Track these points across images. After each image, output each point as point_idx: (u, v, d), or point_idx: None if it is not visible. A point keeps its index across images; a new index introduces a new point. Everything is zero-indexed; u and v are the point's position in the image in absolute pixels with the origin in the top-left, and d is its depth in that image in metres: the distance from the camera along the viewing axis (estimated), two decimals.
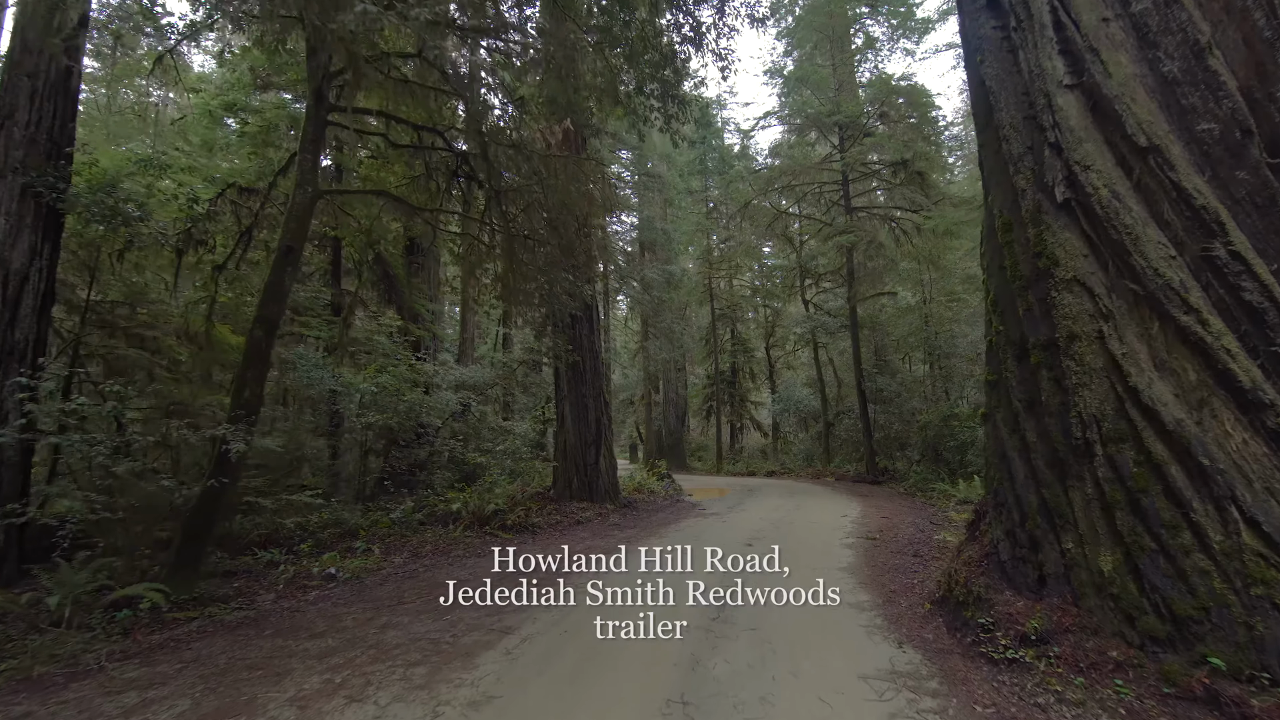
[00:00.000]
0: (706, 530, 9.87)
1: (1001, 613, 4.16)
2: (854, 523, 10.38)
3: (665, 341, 23.64)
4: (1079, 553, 3.93)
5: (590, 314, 12.99)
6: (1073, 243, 4.15)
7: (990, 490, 4.89)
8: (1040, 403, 4.28)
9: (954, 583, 4.82)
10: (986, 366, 5.00)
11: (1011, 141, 4.59)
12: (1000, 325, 4.73)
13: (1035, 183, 4.42)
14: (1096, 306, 4.00)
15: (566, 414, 12.73)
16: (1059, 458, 4.11)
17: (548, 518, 11.50)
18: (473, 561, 8.38)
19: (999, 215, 4.75)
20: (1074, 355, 4.04)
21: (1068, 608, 3.89)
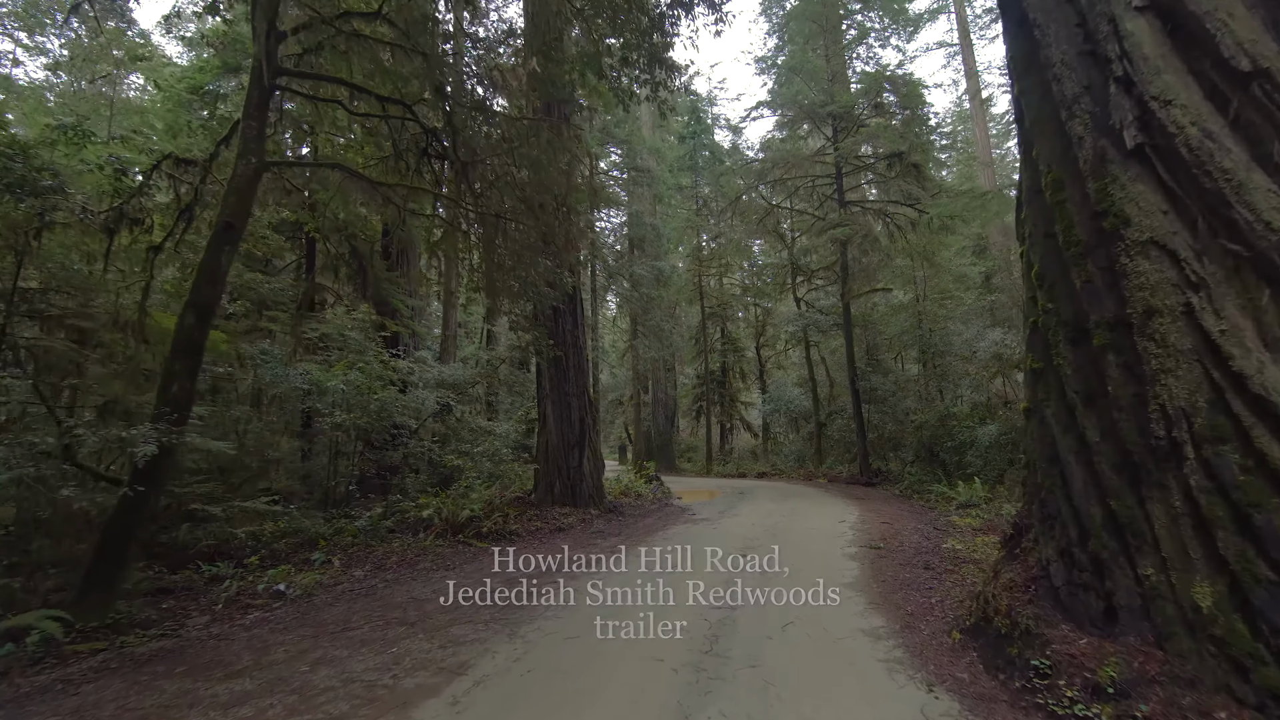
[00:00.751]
0: (695, 539, 9.00)
1: (1061, 653, 3.31)
2: (854, 529, 9.54)
3: (654, 340, 22.77)
4: (1162, 581, 3.09)
5: (574, 307, 12.10)
6: (1148, 196, 3.32)
7: (1033, 500, 4.05)
8: (1105, 394, 3.44)
9: (992, 610, 3.97)
10: (1028, 353, 4.15)
11: (1064, 81, 3.75)
12: (1048, 303, 3.88)
13: (1096, 127, 3.59)
14: (1182, 274, 3.16)
15: (548, 413, 11.82)
16: (1132, 461, 3.27)
17: (527, 524, 10.59)
18: (439, 576, 7.46)
19: (1047, 172, 3.91)
20: (1153, 335, 3.20)
21: (1150, 651, 3.04)
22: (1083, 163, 3.62)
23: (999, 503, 11.93)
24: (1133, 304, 3.29)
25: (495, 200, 7.27)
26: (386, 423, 11.75)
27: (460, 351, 22.28)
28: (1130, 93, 3.40)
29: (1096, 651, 3.18)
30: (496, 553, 8.88)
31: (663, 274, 21.57)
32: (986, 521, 10.35)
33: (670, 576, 6.62)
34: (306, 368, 11.19)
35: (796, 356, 28.55)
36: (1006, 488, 12.55)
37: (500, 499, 11.12)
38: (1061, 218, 3.76)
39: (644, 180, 22.12)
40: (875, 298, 21.84)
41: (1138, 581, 3.19)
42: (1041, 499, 3.88)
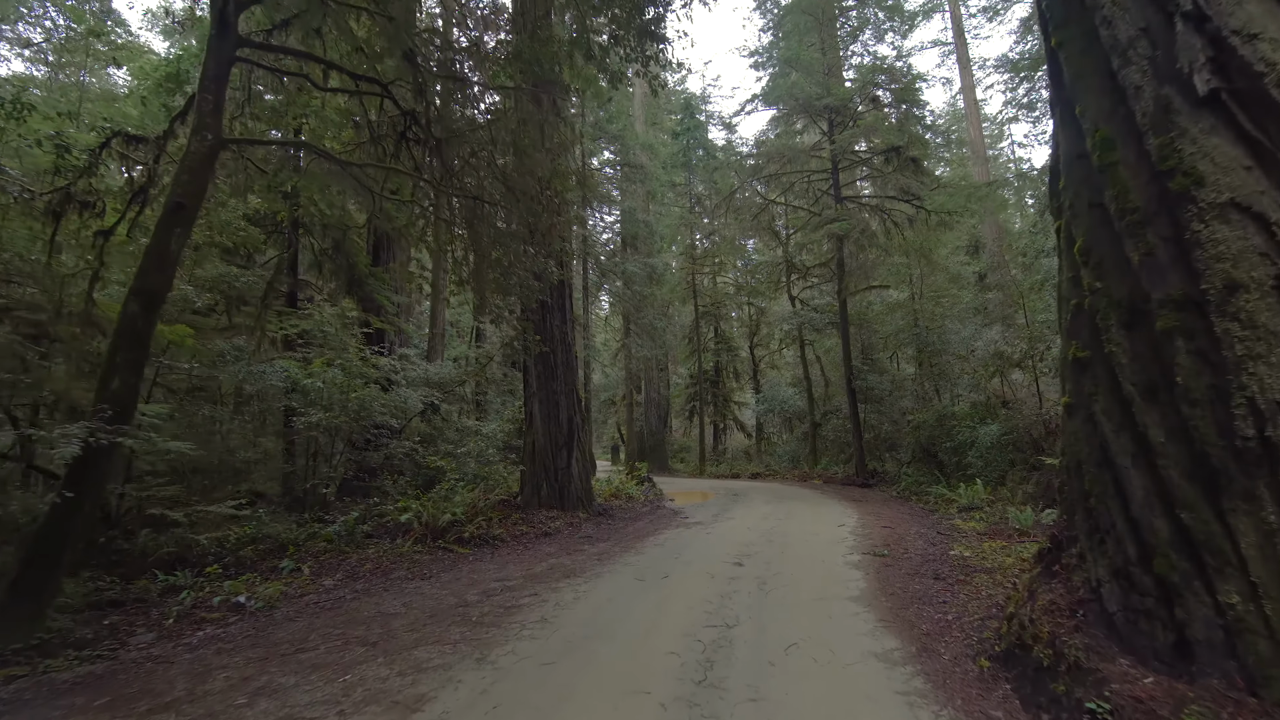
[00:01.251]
0: (689, 545, 8.41)
1: (1122, 694, 2.74)
2: (854, 534, 8.98)
3: (647, 339, 22.19)
4: (1251, 611, 2.52)
5: (562, 302, 11.50)
6: (1225, 150, 2.76)
7: (1075, 510, 3.48)
8: (1171, 386, 2.87)
9: (1029, 636, 3.40)
10: (1069, 341, 3.59)
11: (1116, 24, 3.19)
12: (1096, 281, 3.32)
13: (1157, 74, 3.03)
14: (1272, 240, 2.61)
15: (535, 413, 11.21)
16: (1208, 466, 2.71)
17: (512, 528, 9.98)
18: (413, 587, 6.84)
19: (1094, 132, 3.35)
20: (1236, 314, 2.64)
21: (1241, 698, 2.47)
22: (1141, 116, 3.06)
23: (1001, 505, 11.41)
24: (1209, 278, 2.73)
25: (475, 184, 6.67)
26: (367, 422, 11.13)
27: (449, 350, 21.66)
28: (1202, 30, 2.84)
29: (1169, 694, 2.61)
30: (477, 560, 8.28)
31: (655, 271, 21.00)
32: (991, 525, 9.83)
33: (660, 588, 6.03)
34: (284, 365, 10.58)
35: (791, 356, 28.03)
36: (1008, 489, 12.03)
37: (485, 502, 10.50)
38: (1114, 182, 3.20)
39: (637, 177, 21.54)
40: (870, 296, 21.34)
41: (1218, 611, 2.63)
42: (1088, 509, 3.31)
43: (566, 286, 11.64)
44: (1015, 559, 7.21)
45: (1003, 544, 8.45)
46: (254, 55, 7.01)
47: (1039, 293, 14.53)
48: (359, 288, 14.26)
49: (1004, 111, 41.37)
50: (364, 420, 10.98)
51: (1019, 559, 7.21)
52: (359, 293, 14.25)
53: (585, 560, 7.66)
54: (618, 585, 6.23)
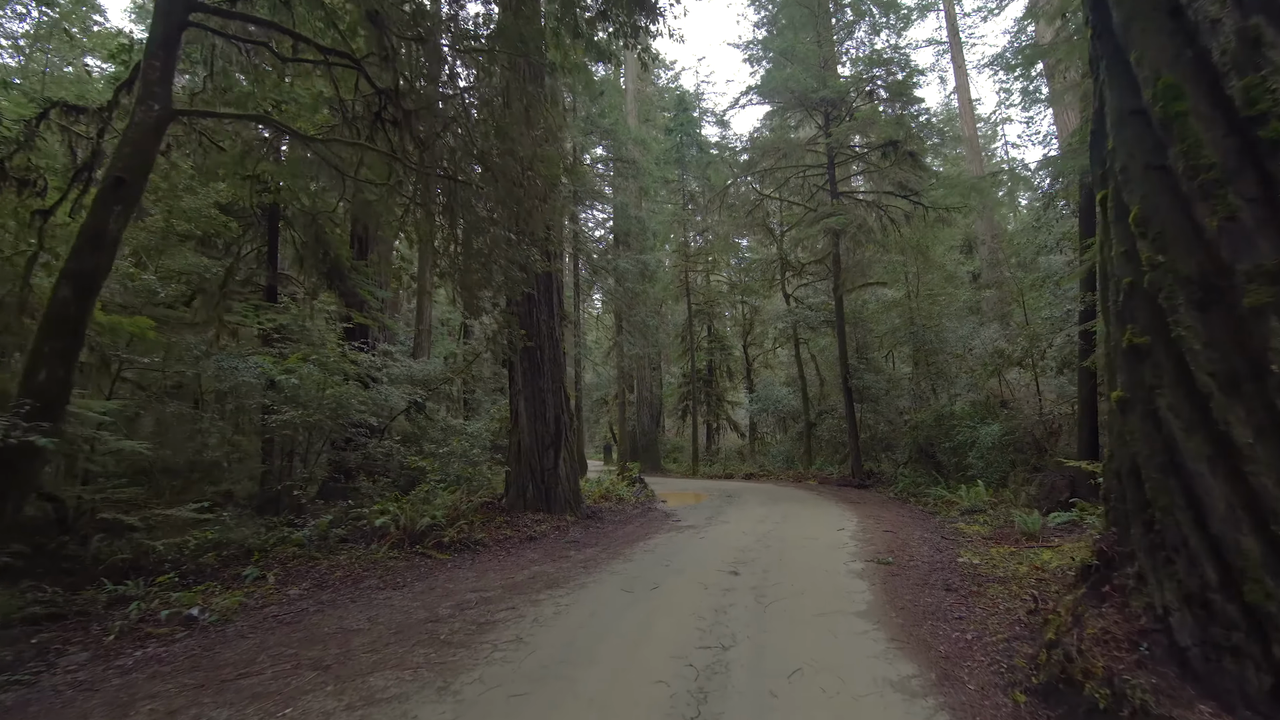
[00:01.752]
0: (680, 551, 7.87)
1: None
2: (855, 539, 8.47)
3: (639, 337, 21.65)
4: None
5: (550, 295, 10.95)
6: None
7: (1132, 523, 2.95)
8: (1263, 374, 2.36)
9: (1078, 670, 2.87)
10: (1119, 326, 3.07)
11: None
12: (1156, 256, 2.80)
13: (1238, 4, 2.52)
14: None
15: (521, 411, 10.65)
16: None
17: (495, 532, 9.42)
18: (382, 598, 6.27)
19: (1155, 82, 2.82)
20: None
21: None
22: (1218, 55, 2.54)
23: (1004, 507, 10.94)
24: None
25: (452, 165, 6.11)
26: (345, 421, 10.54)
27: (438, 348, 21.05)
28: None
29: None
30: (455, 567, 7.72)
31: (648, 268, 20.47)
32: (996, 530, 9.35)
33: (648, 601, 5.49)
34: (258, 360, 9.99)
35: (784, 355, 27.56)
36: (1011, 491, 11.56)
37: (467, 504, 9.93)
38: (1181, 137, 2.68)
39: (629, 172, 21.01)
40: (865, 295, 20.89)
41: None
42: (1148, 522, 2.79)
43: (554, 280, 11.08)
44: (1029, 567, 6.72)
45: (1010, 549, 7.96)
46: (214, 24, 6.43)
47: (1039, 290, 14.10)
48: (340, 282, 13.65)
49: (998, 112, 41.14)
50: (341, 418, 10.40)
51: (1032, 567, 6.72)
52: (341, 287, 13.65)
53: (570, 568, 7.11)
54: (603, 597, 5.68)
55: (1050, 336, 12.74)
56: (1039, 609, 5.10)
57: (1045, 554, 7.57)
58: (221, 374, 10.02)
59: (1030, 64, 24.61)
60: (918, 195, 16.07)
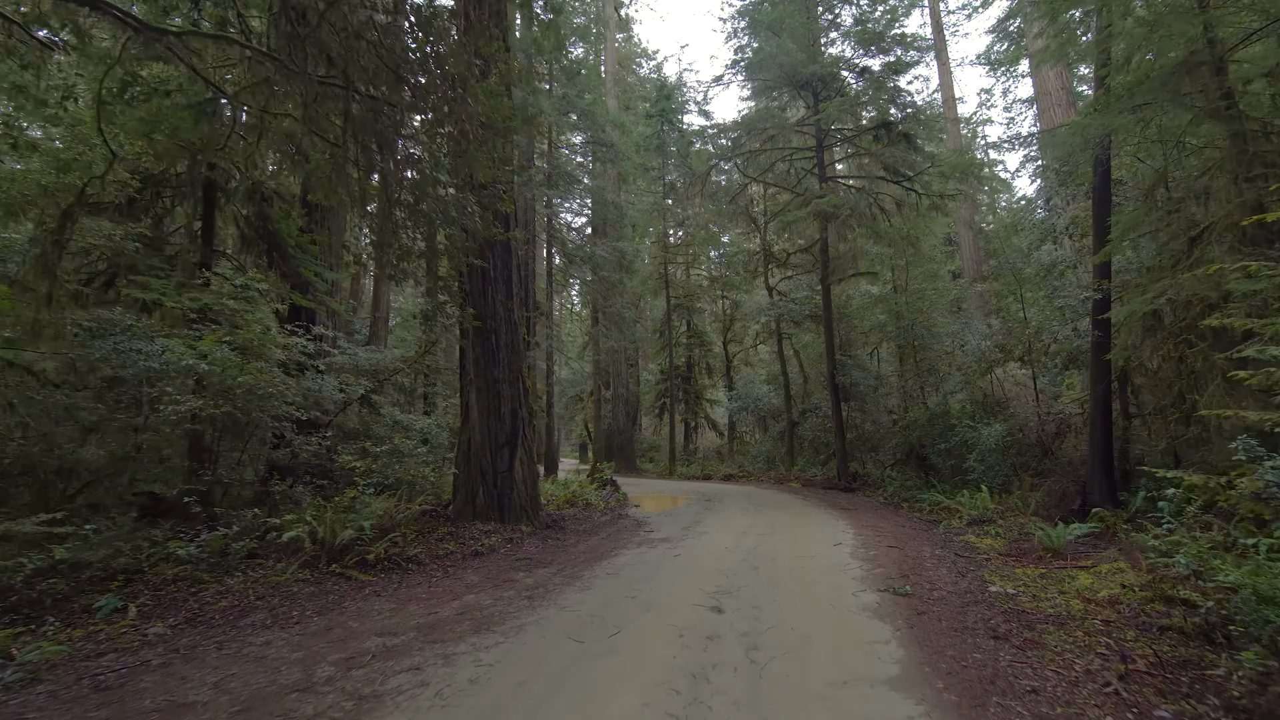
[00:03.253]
0: (651, 574, 6.33)
1: None
2: (857, 556, 7.02)
3: (615, 330, 20.09)
4: None
5: (508, 272, 9.34)
6: None
7: None
8: None
9: None
10: None
11: None
12: None
13: None
14: None
15: (472, 404, 9.04)
16: None
17: (435, 546, 7.82)
18: (259, 643, 4.65)
19: None
20: None
21: None
22: None
23: (1013, 516, 9.63)
24: None
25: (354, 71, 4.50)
26: (270, 413, 8.84)
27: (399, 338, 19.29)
28: None
29: None
30: (375, 593, 6.12)
31: (625, 257, 18.93)
32: (1012, 544, 8.00)
33: (603, 659, 3.95)
34: (166, 343, 8.24)
35: (766, 352, 26.21)
36: (1017, 498, 10.25)
37: (404, 512, 8.29)
38: None
39: (607, 156, 19.44)
40: (849, 290, 19.60)
41: None
42: None
43: (513, 253, 9.49)
44: (1076, 598, 5.32)
45: (1039, 570, 6.60)
46: None
47: (1038, 282, 12.86)
48: (283, 260, 11.87)
49: (978, 113, 40.40)
50: (263, 410, 8.69)
51: (1080, 598, 5.34)
52: (283, 266, 11.87)
53: (511, 599, 5.54)
54: (542, 652, 4.13)
55: (1055, 330, 11.47)
56: (1129, 671, 3.69)
57: (1082, 577, 6.21)
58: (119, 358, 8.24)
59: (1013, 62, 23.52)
60: (910, 181, 14.77)
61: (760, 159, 16.66)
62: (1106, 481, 9.73)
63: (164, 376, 8.41)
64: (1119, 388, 10.38)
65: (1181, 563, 5.41)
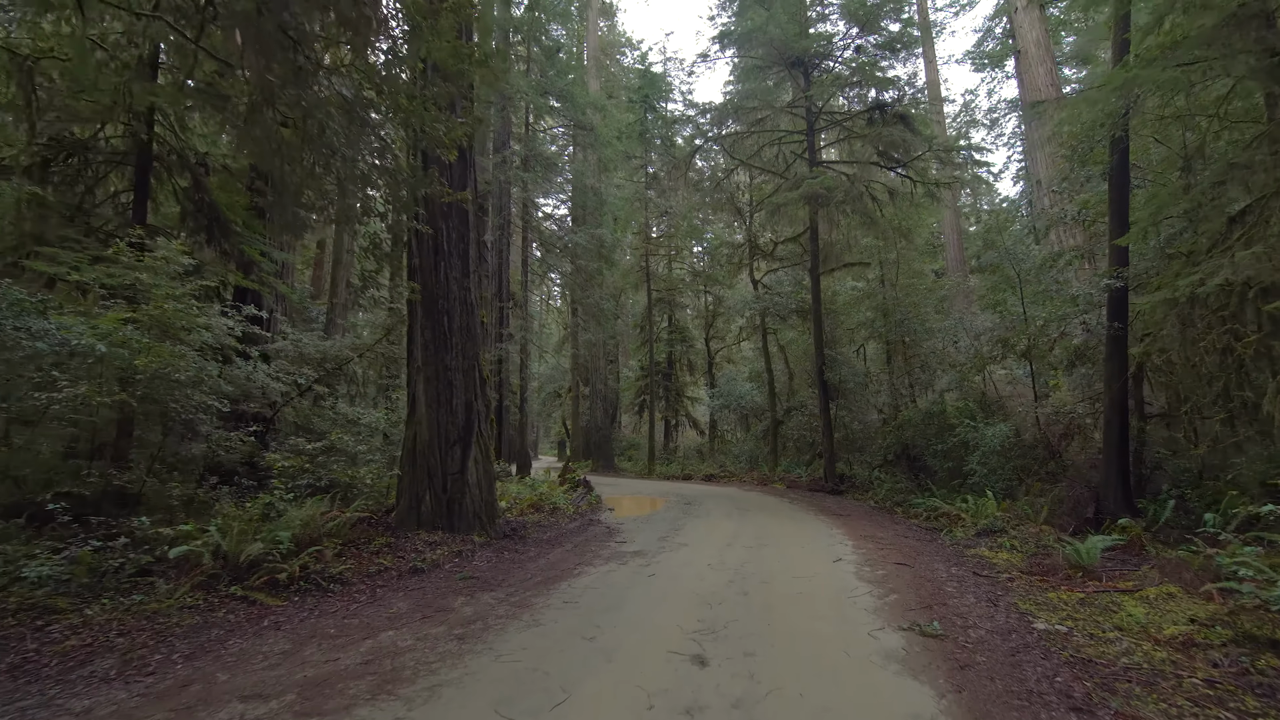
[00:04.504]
0: (617, 603, 5.08)
1: None
2: (864, 578, 5.84)
3: (593, 323, 18.80)
4: None
5: (464, 245, 8.04)
6: None
7: None
8: None
9: None
10: None
11: None
12: None
13: None
14: None
15: (419, 396, 7.72)
16: None
17: (367, 562, 6.51)
18: (86, 704, 3.33)
19: None
20: None
21: None
22: None
23: (1024, 526, 8.56)
24: None
25: None
26: (181, 404, 7.44)
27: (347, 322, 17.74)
28: None
29: None
30: (274, 627, 4.81)
31: (604, 244, 17.64)
32: (1031, 559, 6.92)
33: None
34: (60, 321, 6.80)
35: (749, 349, 25.09)
36: (1026, 505, 9.18)
37: (333, 521, 6.93)
38: None
39: (587, 141, 18.15)
40: (835, 286, 18.54)
41: None
42: None
43: (469, 222, 8.17)
44: (1149, 641, 4.18)
45: (1077, 595, 5.50)
46: None
47: (1042, 273, 11.87)
48: (224, 237, 10.40)
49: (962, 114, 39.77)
50: (171, 400, 7.29)
51: (1153, 639, 4.20)
52: (224, 244, 10.41)
53: (438, 639, 4.26)
54: (482, 699, 2.87)
55: (1063, 323, 10.44)
56: None
57: (1129, 604, 5.12)
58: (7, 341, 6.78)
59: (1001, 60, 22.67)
60: (905, 168, 13.71)
61: (747, 143, 15.50)
62: (1122, 488, 8.71)
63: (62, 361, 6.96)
64: (1133, 385, 9.38)
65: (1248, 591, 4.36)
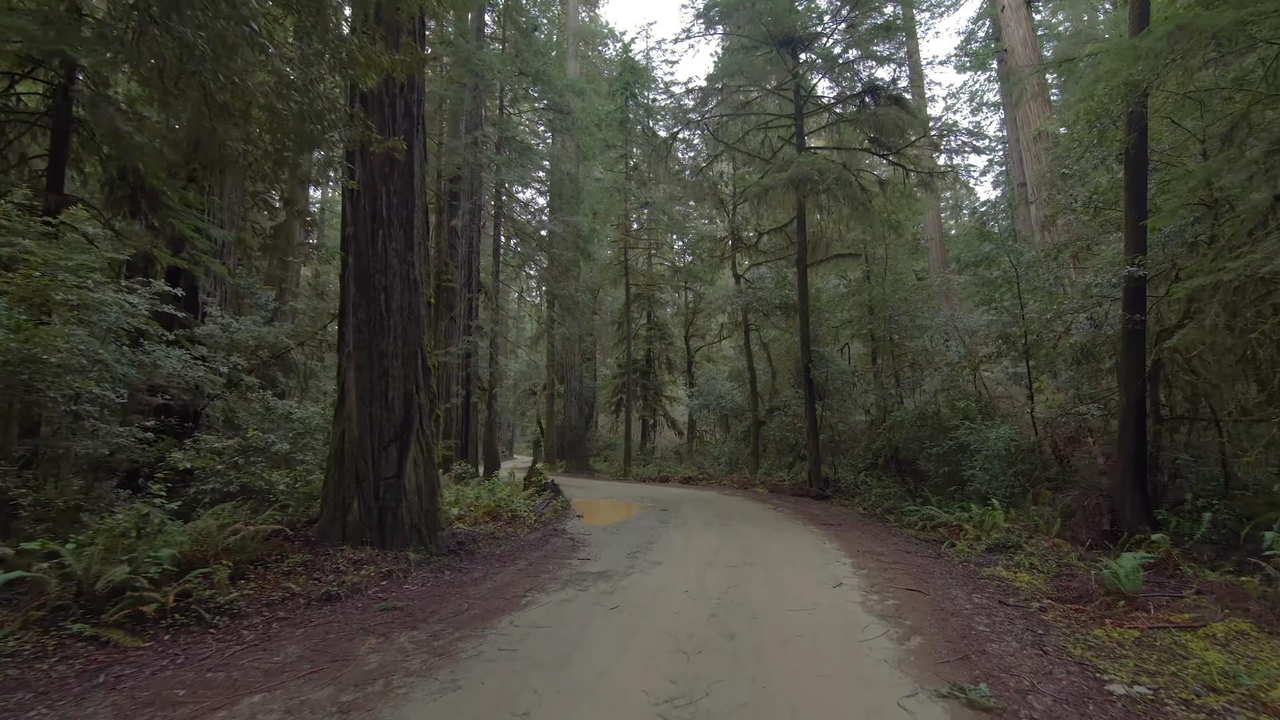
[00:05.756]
0: (568, 653, 3.88)
1: None
2: (874, 610, 4.73)
3: (569, 317, 17.57)
4: None
5: (408, 213, 6.77)
6: None
7: None
8: None
9: None
10: None
11: None
12: None
13: None
14: None
15: (349, 387, 6.44)
16: None
17: (272, 586, 5.25)
18: None
19: None
20: None
21: None
22: None
23: (1032, 538, 7.57)
24: None
25: None
26: (59, 392, 6.10)
27: None
28: None
29: None
30: (105, 685, 3.54)
31: (580, 233, 16.43)
32: (1055, 581, 5.92)
33: None
34: None
35: (730, 348, 24.04)
36: (1038, 516, 8.18)
37: (238, 536, 5.63)
38: None
39: (564, 125, 16.93)
40: (818, 284, 17.56)
41: None
42: None
43: (414, 189, 6.90)
44: (1259, 708, 3.13)
45: (1131, 632, 4.45)
46: None
47: (1043, 265, 10.99)
48: (152, 210, 9.00)
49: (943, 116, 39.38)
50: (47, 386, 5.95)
51: (1262, 704, 3.15)
52: (152, 217, 9.02)
53: (315, 712, 3.03)
54: None
55: (1067, 318, 9.51)
56: None
57: (1205, 651, 4.09)
58: None
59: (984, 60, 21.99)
60: (896, 154, 12.75)
61: (732, 129, 14.43)
62: (1139, 497, 7.76)
63: None
64: (1149, 385, 8.46)
65: None
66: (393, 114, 6.79)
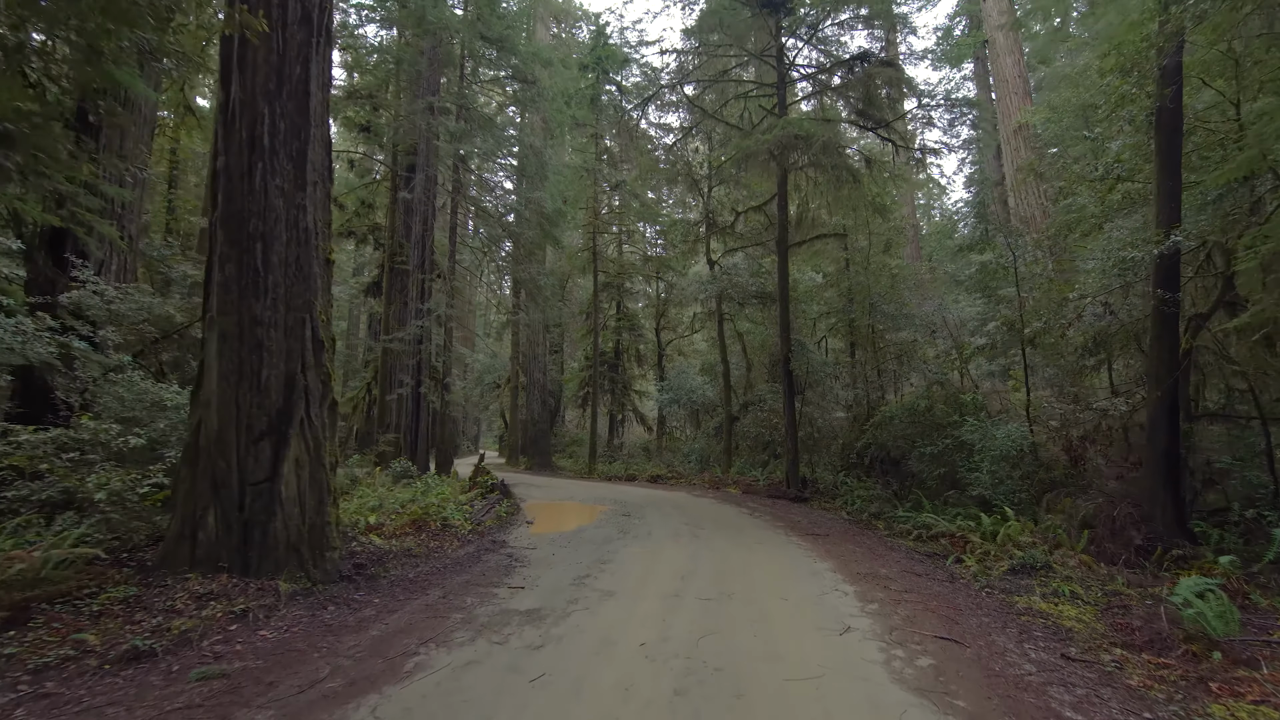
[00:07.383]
0: None
1: None
2: (901, 678, 3.31)
3: (531, 304, 15.92)
4: None
5: (304, 142, 5.12)
6: None
7: None
8: None
9: None
10: None
11: None
12: None
13: None
14: None
15: (210, 361, 4.78)
16: None
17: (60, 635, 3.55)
18: None
19: None
20: None
21: None
22: None
23: (1055, 552, 6.33)
24: None
25: None
26: None
27: None
28: None
29: None
30: None
31: (544, 211, 14.78)
32: (1109, 617, 4.61)
33: None
34: None
35: (701, 342, 22.65)
36: (1058, 528, 6.90)
37: (20, 566, 3.93)
38: None
39: (528, 96, 15.25)
40: (795, 274, 16.29)
41: None
42: None
43: (310, 116, 5.24)
44: None
45: (1267, 712, 3.10)
46: None
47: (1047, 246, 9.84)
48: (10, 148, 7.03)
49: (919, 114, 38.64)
50: None
51: None
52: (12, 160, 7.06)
53: None
54: None
55: (1081, 303, 8.30)
56: None
57: None
58: None
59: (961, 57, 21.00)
60: (886, 128, 11.47)
61: (709, 100, 12.98)
62: (1173, 506, 6.55)
63: None
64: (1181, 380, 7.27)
65: None
66: (283, 10, 5.13)
